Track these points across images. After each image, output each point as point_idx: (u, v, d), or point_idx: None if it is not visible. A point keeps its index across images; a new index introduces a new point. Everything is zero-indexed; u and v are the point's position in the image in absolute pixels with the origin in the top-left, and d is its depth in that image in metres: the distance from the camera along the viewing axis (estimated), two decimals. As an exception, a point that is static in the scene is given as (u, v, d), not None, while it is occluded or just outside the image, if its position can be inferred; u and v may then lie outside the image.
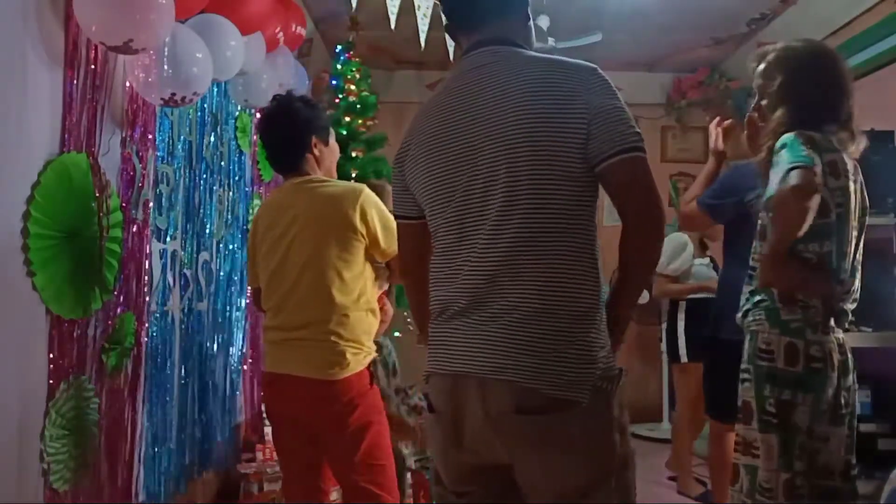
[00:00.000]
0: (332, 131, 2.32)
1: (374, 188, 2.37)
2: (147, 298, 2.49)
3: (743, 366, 1.91)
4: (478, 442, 1.35)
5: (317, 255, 2.07)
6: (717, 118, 2.71)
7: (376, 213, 2.10)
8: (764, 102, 1.98)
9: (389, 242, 2.08)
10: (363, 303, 2.12)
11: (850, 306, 1.91)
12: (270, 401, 2.22)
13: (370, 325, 2.16)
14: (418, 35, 3.68)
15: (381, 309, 2.48)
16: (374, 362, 2.18)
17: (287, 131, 2.19)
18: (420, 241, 1.58)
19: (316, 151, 2.21)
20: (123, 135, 2.32)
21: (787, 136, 1.80)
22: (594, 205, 1.39)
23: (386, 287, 2.48)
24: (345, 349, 2.05)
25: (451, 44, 3.97)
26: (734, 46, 4.93)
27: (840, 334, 1.89)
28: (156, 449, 2.61)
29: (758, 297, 1.91)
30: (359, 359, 2.09)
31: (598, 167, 1.34)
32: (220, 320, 3.32)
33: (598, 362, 1.31)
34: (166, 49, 2.18)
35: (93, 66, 2.12)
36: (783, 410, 1.81)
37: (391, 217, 2.08)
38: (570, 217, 1.34)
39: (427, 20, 3.70)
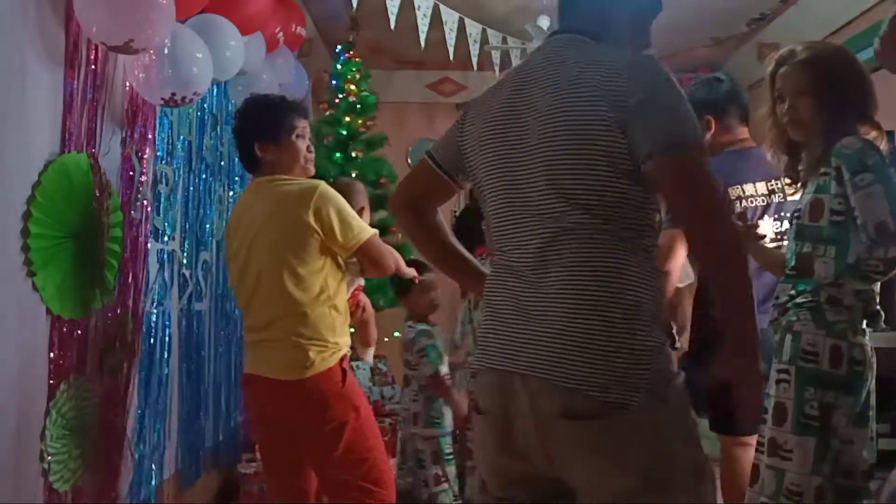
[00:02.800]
0: (294, 125, 2.18)
1: (342, 186, 2.37)
2: (145, 298, 2.49)
3: (780, 366, 1.87)
4: (528, 445, 1.27)
5: (272, 254, 2.08)
6: None
7: (333, 209, 2.07)
8: (788, 103, 1.97)
9: (348, 237, 2.08)
10: (324, 299, 2.09)
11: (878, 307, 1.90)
12: (248, 401, 2.28)
13: (335, 321, 2.12)
14: (418, 35, 3.68)
15: (357, 306, 2.47)
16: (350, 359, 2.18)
17: (236, 135, 2.24)
18: (428, 190, 1.57)
19: (267, 156, 2.16)
20: (123, 135, 2.32)
21: (867, 147, 1.82)
22: (648, 195, 1.28)
23: (360, 283, 2.47)
24: (307, 347, 2.04)
25: (451, 44, 3.98)
26: (734, 46, 4.93)
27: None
28: (156, 449, 2.61)
29: (801, 298, 1.89)
30: (324, 356, 2.06)
31: (642, 167, 1.24)
32: (219, 320, 3.32)
33: (650, 363, 1.22)
34: (166, 49, 2.18)
35: (93, 67, 2.12)
36: (825, 413, 1.79)
37: (351, 212, 2.11)
38: (615, 209, 1.26)
39: (427, 20, 3.70)
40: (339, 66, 4.27)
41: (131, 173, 2.37)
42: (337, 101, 4.19)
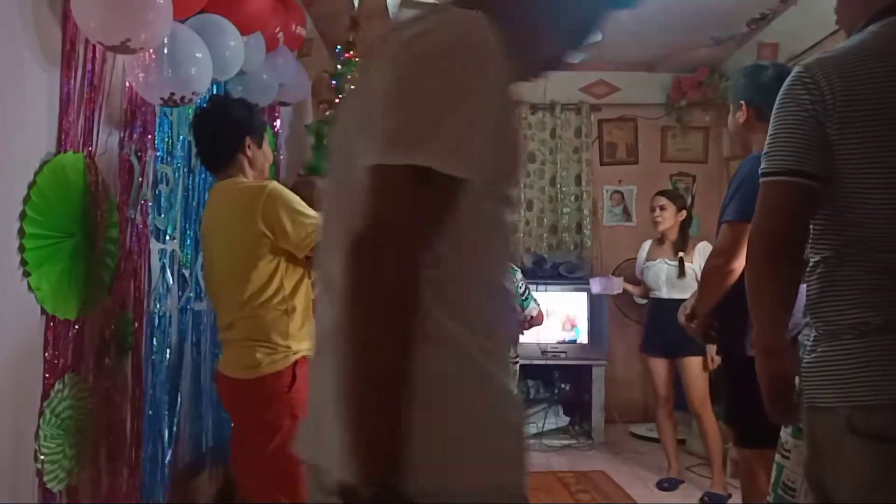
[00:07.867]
0: (266, 137, 2.35)
1: (300, 187, 2.42)
2: (145, 298, 2.49)
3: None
4: None
5: (225, 259, 2.14)
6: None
7: (283, 210, 2.07)
8: None
9: (301, 236, 2.06)
10: (278, 302, 2.12)
11: None
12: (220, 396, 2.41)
13: (289, 324, 2.13)
14: (418, 35, 3.66)
15: None
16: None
17: (220, 129, 2.23)
18: (810, 211, 1.27)
19: (249, 152, 2.24)
20: (122, 135, 2.31)
21: None
22: None
23: None
24: (255, 349, 2.09)
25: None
26: (734, 46, 4.92)
27: None
28: (154, 449, 2.60)
29: None
30: (274, 359, 2.09)
31: None
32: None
33: None
34: (166, 49, 2.18)
35: (90, 66, 2.11)
36: None
37: (305, 210, 2.09)
38: None
39: (427, 20, 3.68)
40: (339, 66, 4.25)
41: (130, 173, 2.36)
42: (337, 101, 4.17)
